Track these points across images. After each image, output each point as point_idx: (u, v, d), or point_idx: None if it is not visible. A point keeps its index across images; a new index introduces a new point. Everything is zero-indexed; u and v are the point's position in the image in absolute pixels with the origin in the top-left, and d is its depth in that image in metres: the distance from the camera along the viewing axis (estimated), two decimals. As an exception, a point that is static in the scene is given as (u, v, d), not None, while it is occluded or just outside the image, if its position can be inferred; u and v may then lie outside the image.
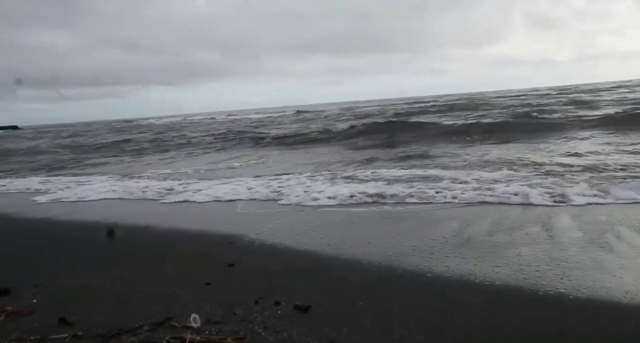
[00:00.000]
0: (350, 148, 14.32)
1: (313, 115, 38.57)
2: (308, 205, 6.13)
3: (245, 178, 9.00)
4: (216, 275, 3.58)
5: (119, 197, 7.93)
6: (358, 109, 45.38)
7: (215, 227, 5.34)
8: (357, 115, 32.01)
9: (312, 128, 22.83)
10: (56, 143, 28.95)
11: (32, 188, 9.97)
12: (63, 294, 3.24)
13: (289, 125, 28.18)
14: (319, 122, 28.10)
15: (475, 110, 26.05)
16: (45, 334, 2.52)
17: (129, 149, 20.95)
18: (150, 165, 14.19)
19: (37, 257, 4.37)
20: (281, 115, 44.02)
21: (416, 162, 9.77)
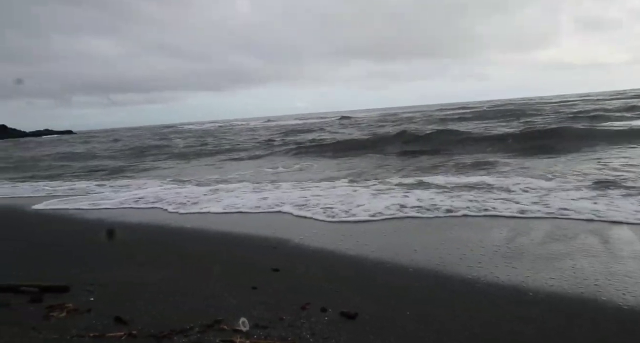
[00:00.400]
0: (394, 155, 14.19)
1: (356, 121, 38.53)
2: (351, 212, 6.11)
3: (288, 184, 9.09)
4: (262, 280, 3.62)
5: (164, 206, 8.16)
6: (401, 114, 44.99)
7: (259, 232, 5.41)
8: (401, 122, 31.72)
9: (356, 134, 22.78)
10: (107, 147, 30.16)
11: (91, 190, 10.43)
12: (116, 293, 3.35)
13: (333, 131, 28.20)
14: (364, 129, 27.90)
15: (524, 117, 25.30)
16: (103, 332, 2.61)
17: (175, 152, 21.59)
18: (197, 169, 14.55)
19: (93, 256, 4.55)
20: (322, 121, 44.10)
21: (464, 171, 9.58)
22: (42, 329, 2.65)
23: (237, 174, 12.13)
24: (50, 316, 2.88)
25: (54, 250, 4.92)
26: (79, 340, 2.50)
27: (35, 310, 3.00)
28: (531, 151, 11.97)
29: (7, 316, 2.90)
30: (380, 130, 24.30)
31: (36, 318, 2.83)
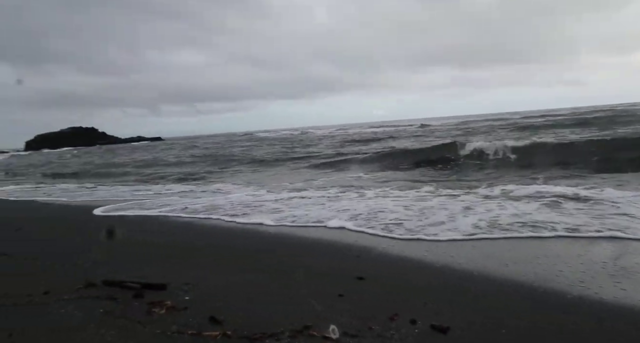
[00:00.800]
0: (475, 165, 13.67)
1: (436, 129, 37.52)
2: (435, 222, 5.96)
3: (371, 192, 9.05)
4: (347, 288, 3.61)
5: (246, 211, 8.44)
6: (482, 122, 43.28)
7: (341, 240, 5.42)
8: (483, 129, 30.50)
9: (436, 143, 22.22)
10: (196, 153, 31.84)
11: (183, 192, 11.07)
12: (209, 293, 3.50)
13: (413, 139, 27.73)
14: (445, 137, 27.06)
15: (621, 125, 23.31)
16: (199, 330, 2.74)
17: (257, 158, 22.34)
18: (277, 176, 14.95)
19: (187, 258, 4.81)
20: (400, 129, 43.42)
21: (557, 182, 8.96)
22: (146, 324, 2.83)
23: (321, 181, 12.28)
24: (152, 312, 3.07)
25: (151, 251, 5.24)
26: (179, 337, 2.64)
27: (138, 305, 3.21)
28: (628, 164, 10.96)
29: (114, 308, 3.13)
30: (461, 139, 23.51)
31: (140, 313, 3.03)
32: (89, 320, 2.89)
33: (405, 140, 27.07)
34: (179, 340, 2.59)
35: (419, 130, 37.86)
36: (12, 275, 4.04)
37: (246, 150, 29.35)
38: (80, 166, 28.02)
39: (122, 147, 60.49)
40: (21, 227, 6.97)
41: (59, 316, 2.98)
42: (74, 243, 5.71)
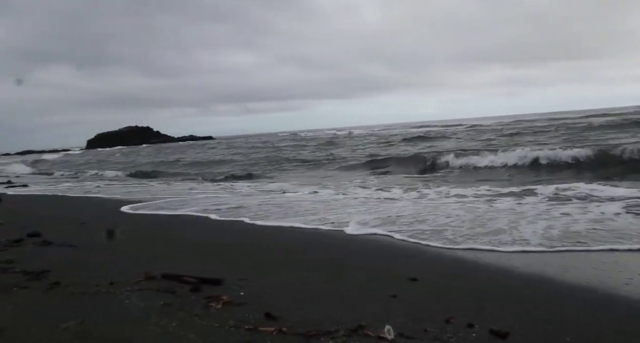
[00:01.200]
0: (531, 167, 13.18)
1: (490, 129, 36.32)
2: (495, 230, 5.79)
3: (431, 191, 8.93)
4: (400, 289, 3.58)
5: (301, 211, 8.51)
6: (537, 122, 41.59)
7: (392, 241, 5.37)
8: (536, 129, 29.35)
9: (491, 144, 21.58)
10: (247, 152, 32.50)
11: (242, 191, 11.33)
12: (264, 290, 3.56)
13: (465, 139, 27.06)
14: (499, 137, 26.12)
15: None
16: (255, 325, 2.79)
17: (309, 158, 22.53)
18: (330, 177, 15.01)
19: (242, 254, 4.91)
20: (450, 129, 42.32)
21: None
22: (204, 317, 2.92)
23: (374, 181, 12.24)
24: (209, 306, 3.16)
25: (205, 248, 5.39)
26: (236, 331, 2.71)
27: (195, 299, 3.31)
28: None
29: (174, 301, 3.25)
30: (517, 138, 22.71)
31: (198, 307, 3.13)
32: (151, 312, 3.01)
33: (455, 140, 26.45)
34: (236, 335, 2.66)
35: (468, 130, 36.78)
36: (80, 266, 4.27)
37: (294, 150, 29.64)
38: (141, 165, 29.23)
39: (174, 146, 62.52)
40: (85, 221, 7.35)
41: (123, 306, 3.13)
42: (131, 238, 5.97)
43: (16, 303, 3.14)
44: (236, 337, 2.61)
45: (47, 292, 3.47)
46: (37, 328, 2.70)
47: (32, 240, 5.56)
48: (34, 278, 3.86)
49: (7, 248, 5.09)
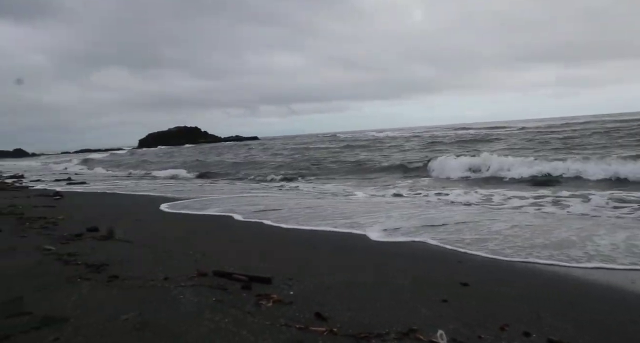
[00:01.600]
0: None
1: (533, 131, 34.99)
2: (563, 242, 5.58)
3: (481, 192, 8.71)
4: (450, 293, 3.51)
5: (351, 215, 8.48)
6: (591, 124, 39.68)
7: (443, 245, 5.27)
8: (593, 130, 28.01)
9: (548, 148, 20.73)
10: (292, 153, 32.82)
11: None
12: (313, 290, 3.58)
13: (517, 142, 26.21)
14: (563, 140, 24.91)
15: None
16: (306, 325, 2.81)
17: (351, 160, 22.49)
18: (377, 179, 14.92)
19: (289, 255, 4.95)
20: (499, 130, 40.98)
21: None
22: (256, 315, 2.97)
23: (420, 183, 12.07)
24: (260, 304, 3.21)
25: (256, 247, 5.48)
26: (287, 330, 2.73)
27: (246, 297, 3.37)
28: None
29: (225, 298, 3.31)
30: (570, 141, 21.73)
31: (249, 304, 3.18)
32: (204, 307, 3.09)
33: (504, 142, 25.65)
34: (287, 333, 2.68)
35: (519, 132, 35.42)
36: (136, 261, 4.44)
37: (339, 152, 29.62)
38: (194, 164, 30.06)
39: (219, 146, 63.82)
40: (139, 218, 7.65)
41: (178, 300, 3.23)
42: (183, 235, 6.15)
43: (79, 294, 3.30)
44: (287, 336, 2.64)
45: (107, 284, 3.63)
46: (99, 318, 2.82)
47: (91, 234, 5.83)
48: (94, 270, 4.03)
49: (69, 241, 5.35)
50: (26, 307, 2.93)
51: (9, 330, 2.53)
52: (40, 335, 2.51)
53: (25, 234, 5.66)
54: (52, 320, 2.70)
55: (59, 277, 3.76)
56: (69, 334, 2.54)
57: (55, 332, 2.55)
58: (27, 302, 3.04)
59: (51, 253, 4.60)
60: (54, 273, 3.87)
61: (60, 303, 3.08)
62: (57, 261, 4.30)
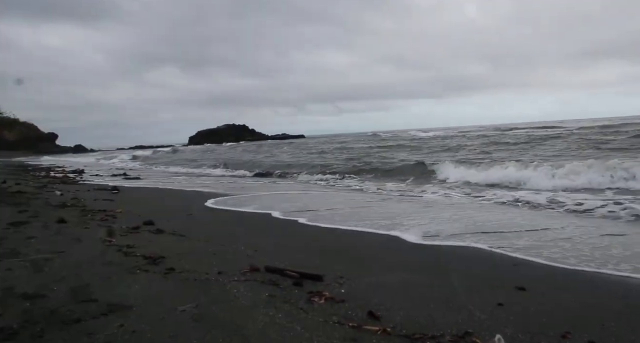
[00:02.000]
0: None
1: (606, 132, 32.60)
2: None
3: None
4: (506, 297, 3.41)
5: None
6: None
7: (498, 246, 5.13)
8: None
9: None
10: (345, 152, 32.79)
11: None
12: (364, 290, 3.57)
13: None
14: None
15: None
16: (358, 323, 2.81)
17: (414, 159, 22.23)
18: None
19: (340, 253, 4.96)
20: (560, 130, 38.76)
21: None
22: (309, 311, 3.00)
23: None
24: (312, 301, 3.23)
25: (306, 244, 5.53)
26: (340, 328, 2.74)
27: (298, 293, 3.41)
28: None
29: (278, 294, 3.36)
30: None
31: (301, 301, 3.21)
32: (259, 302, 3.15)
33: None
34: (341, 331, 2.69)
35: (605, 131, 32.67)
36: (190, 254, 4.58)
37: (381, 151, 29.33)
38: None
39: (265, 143, 64.50)
40: (192, 213, 7.88)
41: (232, 295, 3.30)
42: (234, 230, 6.29)
43: (140, 284, 3.44)
44: (341, 333, 2.64)
45: (164, 276, 3.76)
46: (159, 308, 2.93)
47: (147, 228, 6.07)
48: (152, 262, 4.20)
49: (127, 234, 5.59)
50: (93, 294, 3.09)
51: (80, 314, 2.67)
52: (107, 320, 2.64)
53: (88, 226, 5.95)
54: (116, 308, 2.84)
55: (120, 267, 3.94)
56: (132, 321, 2.66)
57: (119, 319, 2.68)
58: (93, 289, 3.21)
59: (112, 245, 4.83)
60: (115, 263, 4.06)
61: (122, 292, 3.23)
62: (117, 252, 4.51)
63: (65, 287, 3.21)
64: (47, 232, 5.32)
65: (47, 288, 3.16)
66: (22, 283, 3.23)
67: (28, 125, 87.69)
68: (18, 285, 3.18)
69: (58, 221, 6.07)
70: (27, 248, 4.34)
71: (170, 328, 2.60)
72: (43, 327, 2.49)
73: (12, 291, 3.05)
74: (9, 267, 3.63)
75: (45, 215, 6.71)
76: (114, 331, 2.51)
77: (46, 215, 6.72)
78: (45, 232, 5.35)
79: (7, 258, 3.92)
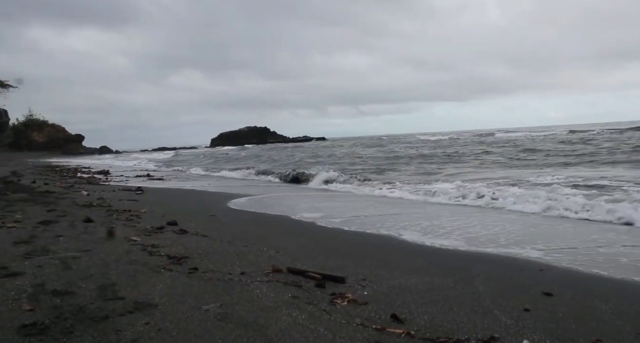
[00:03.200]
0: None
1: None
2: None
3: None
4: (533, 302, 3.35)
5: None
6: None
7: (525, 252, 5.05)
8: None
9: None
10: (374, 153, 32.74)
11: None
12: (387, 291, 3.55)
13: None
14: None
15: None
16: (382, 326, 2.79)
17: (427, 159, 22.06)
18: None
19: (364, 255, 4.93)
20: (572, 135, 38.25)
21: None
22: (332, 313, 2.99)
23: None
24: (335, 302, 3.23)
25: (332, 246, 5.52)
26: (363, 330, 2.73)
27: (321, 295, 3.40)
28: None
29: (301, 295, 3.36)
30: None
31: (324, 302, 3.21)
32: (281, 303, 3.15)
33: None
34: (364, 333, 2.67)
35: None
36: (213, 254, 4.62)
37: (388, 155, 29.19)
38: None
39: (283, 146, 64.64)
40: (214, 213, 7.96)
41: (255, 295, 3.32)
42: (256, 231, 6.32)
43: (164, 283, 3.48)
44: (364, 335, 2.63)
45: (188, 275, 3.80)
46: (183, 307, 2.96)
47: (171, 228, 6.14)
48: (175, 262, 4.25)
49: (152, 233, 5.67)
50: (119, 292, 3.14)
51: (108, 312, 2.72)
52: (133, 318, 2.68)
53: (113, 225, 6.06)
54: (142, 306, 2.88)
55: (145, 266, 3.99)
56: (157, 320, 2.69)
57: (145, 317, 2.72)
58: (119, 287, 3.26)
59: (137, 244, 4.90)
60: (140, 262, 4.12)
61: (148, 290, 3.27)
62: (142, 251, 4.57)
63: (93, 285, 3.27)
64: (75, 231, 5.43)
65: (76, 286, 3.23)
66: (52, 280, 3.30)
67: (57, 127, 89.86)
68: (48, 282, 3.26)
69: (85, 220, 6.20)
70: (56, 246, 4.45)
71: (194, 327, 2.62)
72: (73, 323, 2.55)
73: (43, 287, 3.13)
74: (39, 264, 3.72)
75: (72, 214, 6.86)
76: (140, 329, 2.54)
77: (73, 214, 6.87)
78: (73, 230, 5.47)
79: (38, 255, 4.02)
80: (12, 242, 4.52)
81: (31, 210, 7.00)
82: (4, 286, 3.12)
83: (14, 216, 6.24)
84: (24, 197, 8.56)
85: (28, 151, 69.04)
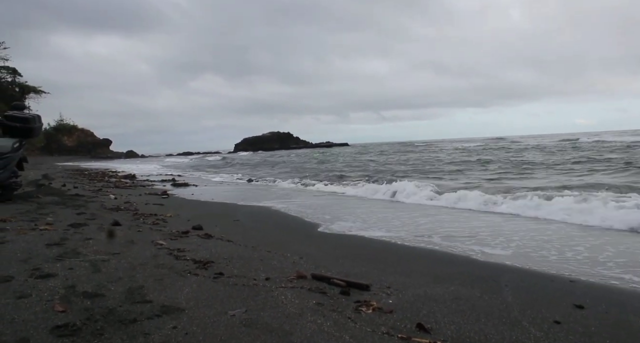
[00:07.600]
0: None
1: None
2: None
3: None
4: (564, 315, 3.26)
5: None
6: None
7: (550, 264, 4.93)
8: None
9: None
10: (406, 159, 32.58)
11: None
12: (412, 301, 3.51)
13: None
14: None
15: None
16: (407, 335, 2.76)
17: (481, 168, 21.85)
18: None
19: (389, 263, 4.90)
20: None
21: None
22: (357, 321, 2.97)
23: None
24: (360, 310, 3.21)
25: (355, 253, 5.51)
26: (389, 338, 2.70)
27: (345, 302, 3.39)
28: None
29: (325, 302, 3.36)
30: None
31: (349, 310, 3.19)
32: (306, 309, 3.15)
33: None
34: (390, 342, 2.65)
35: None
36: (238, 260, 4.65)
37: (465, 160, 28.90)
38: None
39: (307, 152, 64.63)
40: (238, 218, 8.02)
41: (280, 301, 3.32)
42: (280, 237, 6.35)
43: (190, 288, 3.52)
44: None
45: (214, 280, 3.83)
46: (209, 312, 2.98)
47: (196, 232, 6.22)
48: (201, 266, 4.29)
49: (177, 238, 5.75)
50: (147, 295, 3.19)
51: (136, 315, 2.77)
52: (161, 321, 2.71)
53: (140, 229, 6.17)
54: (169, 309, 2.91)
55: (171, 270, 4.04)
56: (185, 324, 2.72)
57: (173, 321, 2.75)
58: (147, 291, 3.31)
59: (163, 248, 4.97)
60: (167, 266, 4.17)
61: (174, 294, 3.31)
62: (168, 255, 4.63)
63: (122, 288, 3.33)
64: (103, 234, 5.54)
65: (105, 288, 3.29)
66: (83, 283, 3.37)
67: (85, 132, 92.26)
68: (79, 284, 3.33)
69: (113, 224, 6.32)
70: (85, 249, 4.54)
71: (221, 332, 2.64)
72: (103, 325, 2.59)
73: (74, 289, 3.19)
74: (70, 266, 3.80)
75: (101, 217, 7.01)
76: (168, 332, 2.57)
77: (102, 217, 7.02)
78: (102, 233, 5.58)
79: (69, 258, 4.11)
80: (44, 243, 4.64)
81: (62, 213, 7.17)
82: (38, 287, 3.20)
83: (45, 218, 6.41)
84: (55, 200, 8.79)
85: (58, 155, 71.05)
